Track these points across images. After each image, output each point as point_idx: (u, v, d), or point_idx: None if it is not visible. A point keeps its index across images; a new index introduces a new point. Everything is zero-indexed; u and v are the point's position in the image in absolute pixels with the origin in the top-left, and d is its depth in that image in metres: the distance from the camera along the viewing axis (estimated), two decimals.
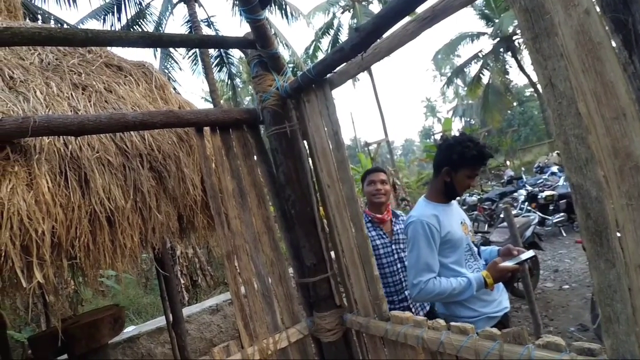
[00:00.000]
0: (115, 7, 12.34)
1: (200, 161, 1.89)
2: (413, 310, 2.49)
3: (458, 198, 2.17)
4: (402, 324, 1.71)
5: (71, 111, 1.95)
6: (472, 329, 1.47)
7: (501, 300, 2.05)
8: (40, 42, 1.45)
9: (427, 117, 56.86)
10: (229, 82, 16.82)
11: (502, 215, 7.19)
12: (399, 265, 2.48)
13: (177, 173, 2.11)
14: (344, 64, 1.71)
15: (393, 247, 2.48)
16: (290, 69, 2.10)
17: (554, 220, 7.76)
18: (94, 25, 12.53)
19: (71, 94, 2.14)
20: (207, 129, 2.01)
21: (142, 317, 7.54)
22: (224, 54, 16.11)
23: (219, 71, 16.45)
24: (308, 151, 2.02)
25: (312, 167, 2.02)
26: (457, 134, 2.26)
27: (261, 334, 1.90)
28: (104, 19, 12.38)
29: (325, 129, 1.87)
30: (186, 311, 6.27)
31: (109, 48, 2.76)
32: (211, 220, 2.73)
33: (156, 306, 8.03)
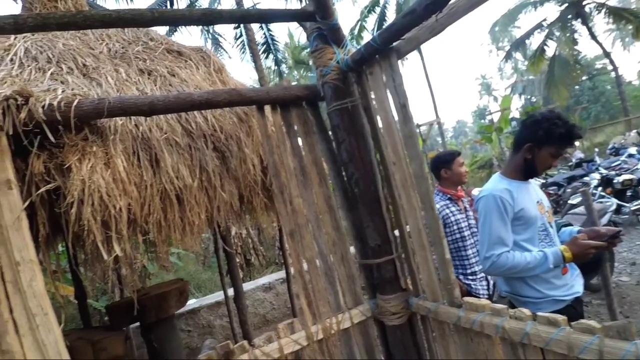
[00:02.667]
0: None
1: (262, 139, 1.87)
2: (479, 287, 2.71)
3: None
4: (478, 311, 1.58)
5: (140, 94, 2.02)
6: (564, 320, 1.31)
7: (573, 284, 1.93)
8: (110, 24, 1.48)
9: (481, 96, 53.16)
10: (275, 69, 16.97)
11: (570, 202, 6.54)
12: (476, 238, 2.71)
13: (238, 153, 2.12)
14: (414, 29, 1.56)
15: (469, 221, 2.75)
16: None
17: (632, 208, 6.88)
18: None
19: (138, 79, 2.23)
20: (267, 108, 1.99)
21: (201, 291, 8.05)
22: (270, 41, 16.23)
23: (266, 58, 16.63)
24: (370, 127, 1.91)
25: (375, 144, 1.91)
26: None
27: (324, 314, 1.88)
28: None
29: (391, 102, 1.75)
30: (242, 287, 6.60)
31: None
32: (269, 200, 2.76)
33: (214, 282, 8.53)
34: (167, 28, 11.90)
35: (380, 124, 1.86)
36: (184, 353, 4.25)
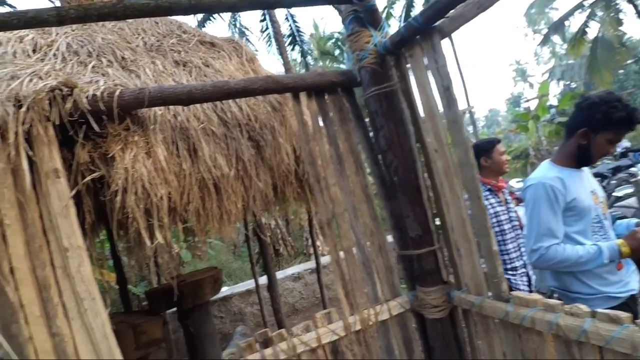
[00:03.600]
0: None
1: (298, 127, 1.83)
2: (520, 282, 2.58)
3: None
4: (529, 306, 1.49)
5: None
6: (627, 317, 1.21)
7: (629, 281, 1.80)
8: (149, 13, 1.49)
9: (516, 83, 50.59)
10: (301, 60, 16.91)
11: (615, 194, 6.11)
12: (517, 232, 2.59)
13: (272, 142, 2.10)
14: (459, 5, 1.46)
15: (510, 213, 2.61)
16: None
17: None
18: None
19: (174, 71, 2.25)
20: (302, 95, 1.94)
21: (232, 279, 8.27)
22: (296, 32, 16.16)
23: (292, 50, 16.60)
24: (410, 113, 1.83)
25: (415, 130, 1.83)
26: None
27: (361, 304, 1.84)
28: None
29: (433, 85, 1.66)
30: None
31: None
32: (301, 190, 2.74)
33: (244, 270, 8.73)
34: (197, 21, 12.05)
35: (421, 109, 1.78)
36: (217, 338, 4.36)
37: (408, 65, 1.82)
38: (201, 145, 1.78)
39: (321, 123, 1.85)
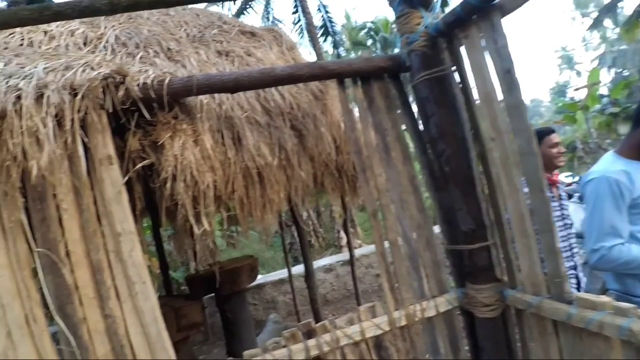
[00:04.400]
0: None
1: (343, 115, 1.77)
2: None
3: None
4: (595, 309, 1.36)
5: None
6: None
7: None
8: (194, 0, 1.47)
9: (561, 71, 47.34)
10: (333, 51, 16.73)
11: None
12: (568, 231, 2.37)
13: (314, 132, 2.06)
14: None
15: (563, 211, 2.40)
16: None
17: None
18: None
19: (217, 60, 2.26)
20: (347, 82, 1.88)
21: (264, 268, 8.44)
22: (328, 23, 15.99)
23: (324, 41, 16.45)
24: (464, 98, 1.71)
25: (469, 117, 1.72)
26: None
27: (407, 299, 1.77)
28: None
29: (491, 68, 1.53)
30: (302, 267, 6.79)
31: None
32: (339, 181, 2.69)
33: (276, 260, 8.87)
34: (235, 11, 12.18)
35: (476, 95, 1.66)
36: (252, 324, 4.45)
37: (461, 48, 1.70)
38: (245, 134, 1.76)
39: (367, 110, 1.77)
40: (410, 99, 1.90)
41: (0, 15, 1.43)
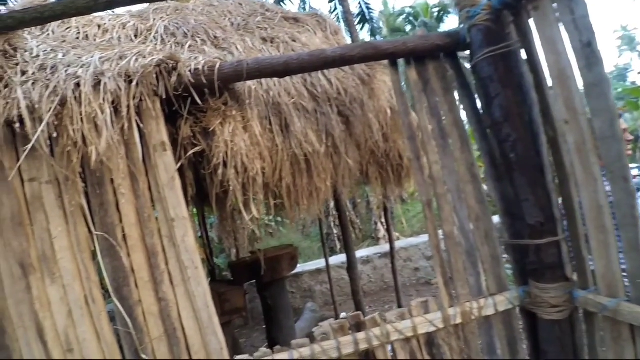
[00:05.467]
0: None
1: (396, 98, 1.67)
2: None
3: None
4: None
5: None
6: None
7: None
8: None
9: (621, 53, 43.05)
10: (371, 40, 16.34)
11: None
12: None
13: (362, 118, 1.97)
14: None
15: None
16: None
17: None
18: None
19: (262, 47, 2.23)
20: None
21: (301, 258, 8.52)
22: (365, 10, 15.61)
23: (361, 29, 16.10)
24: (533, 77, 1.54)
25: (539, 97, 1.55)
26: None
27: (462, 296, 1.66)
28: None
29: (566, 42, 1.36)
30: (340, 258, 6.76)
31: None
32: (383, 170, 2.59)
33: (312, 250, 8.93)
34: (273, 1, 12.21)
35: (547, 72, 1.49)
36: (291, 312, 4.50)
37: (530, 21, 1.53)
38: (293, 120, 1.72)
39: (422, 93, 1.66)
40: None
41: (59, 5, 1.47)
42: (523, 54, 1.61)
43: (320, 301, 6.15)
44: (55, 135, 1.30)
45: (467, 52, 1.70)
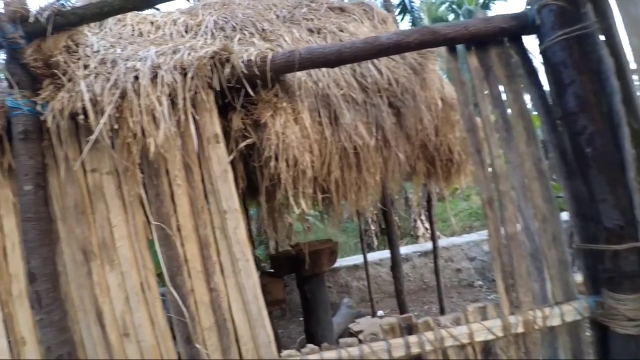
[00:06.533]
0: None
1: (455, 87, 1.56)
2: None
3: None
4: None
5: None
6: None
7: None
8: None
9: None
10: None
11: None
12: None
13: (413, 110, 1.87)
14: None
15: None
16: None
17: None
18: None
19: (309, 39, 2.19)
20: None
21: (338, 253, 8.47)
22: (406, 0, 15.14)
23: (402, 20, 15.66)
24: (614, 62, 1.37)
25: (622, 85, 1.37)
26: None
27: (525, 303, 1.53)
28: None
29: None
30: (378, 255, 6.64)
31: None
32: (431, 166, 2.46)
33: (348, 245, 8.86)
34: None
35: (630, 56, 1.32)
36: (329, 306, 4.49)
37: None
38: (342, 112, 1.66)
39: (484, 81, 1.53)
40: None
41: (116, 1, 1.51)
42: (601, 36, 1.44)
43: (356, 297, 6.09)
44: (116, 127, 1.34)
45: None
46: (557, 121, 1.51)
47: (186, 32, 2.37)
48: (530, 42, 1.60)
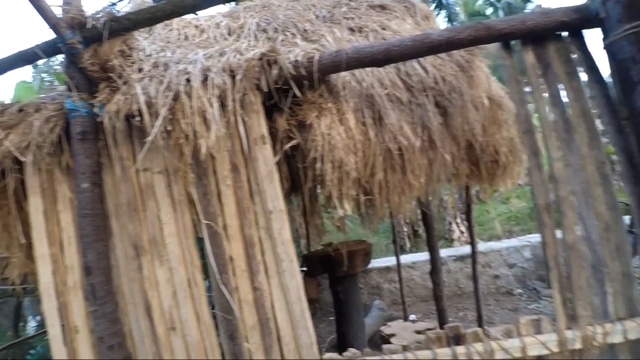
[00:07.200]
0: None
1: (510, 86, 1.48)
2: None
3: None
4: None
5: None
6: None
7: None
8: None
9: None
10: (448, 25, 15.37)
11: None
12: None
13: (460, 109, 1.80)
14: None
15: None
16: None
17: None
18: None
19: (350, 38, 2.17)
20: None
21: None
22: None
23: (437, 15, 15.25)
24: None
25: None
26: None
27: (583, 318, 1.43)
28: None
29: None
30: (411, 257, 6.50)
31: None
32: (474, 167, 2.36)
33: (379, 246, 8.74)
34: None
35: None
36: (362, 308, 4.45)
37: None
38: (387, 112, 1.63)
39: (541, 79, 1.44)
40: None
41: (168, 5, 1.56)
42: None
43: (387, 300, 6.00)
44: (169, 128, 1.38)
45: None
46: (623, 122, 1.40)
47: (229, 34, 2.42)
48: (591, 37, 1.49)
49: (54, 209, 1.73)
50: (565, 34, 1.50)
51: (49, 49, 1.66)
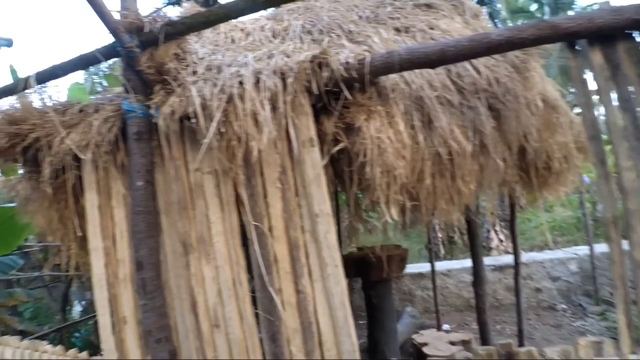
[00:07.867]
0: None
1: (575, 87, 1.39)
2: None
3: None
4: None
5: None
6: None
7: None
8: None
9: None
10: (490, 23, 14.78)
11: None
12: None
13: (515, 112, 1.71)
14: None
15: None
16: None
17: None
18: None
19: (396, 38, 2.12)
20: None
21: None
22: None
23: None
24: None
25: None
26: None
27: None
28: None
29: None
30: (445, 265, 6.28)
31: None
32: (524, 173, 2.24)
33: (411, 252, 8.54)
34: None
35: None
36: (395, 314, 4.35)
37: None
38: (437, 115, 1.57)
39: (610, 81, 1.34)
40: None
41: (222, 9, 1.60)
42: None
43: (420, 307, 5.85)
44: (223, 130, 1.41)
45: None
46: None
47: (274, 37, 2.45)
48: None
49: (108, 204, 1.82)
50: (636, 33, 1.39)
51: (108, 53, 1.75)
